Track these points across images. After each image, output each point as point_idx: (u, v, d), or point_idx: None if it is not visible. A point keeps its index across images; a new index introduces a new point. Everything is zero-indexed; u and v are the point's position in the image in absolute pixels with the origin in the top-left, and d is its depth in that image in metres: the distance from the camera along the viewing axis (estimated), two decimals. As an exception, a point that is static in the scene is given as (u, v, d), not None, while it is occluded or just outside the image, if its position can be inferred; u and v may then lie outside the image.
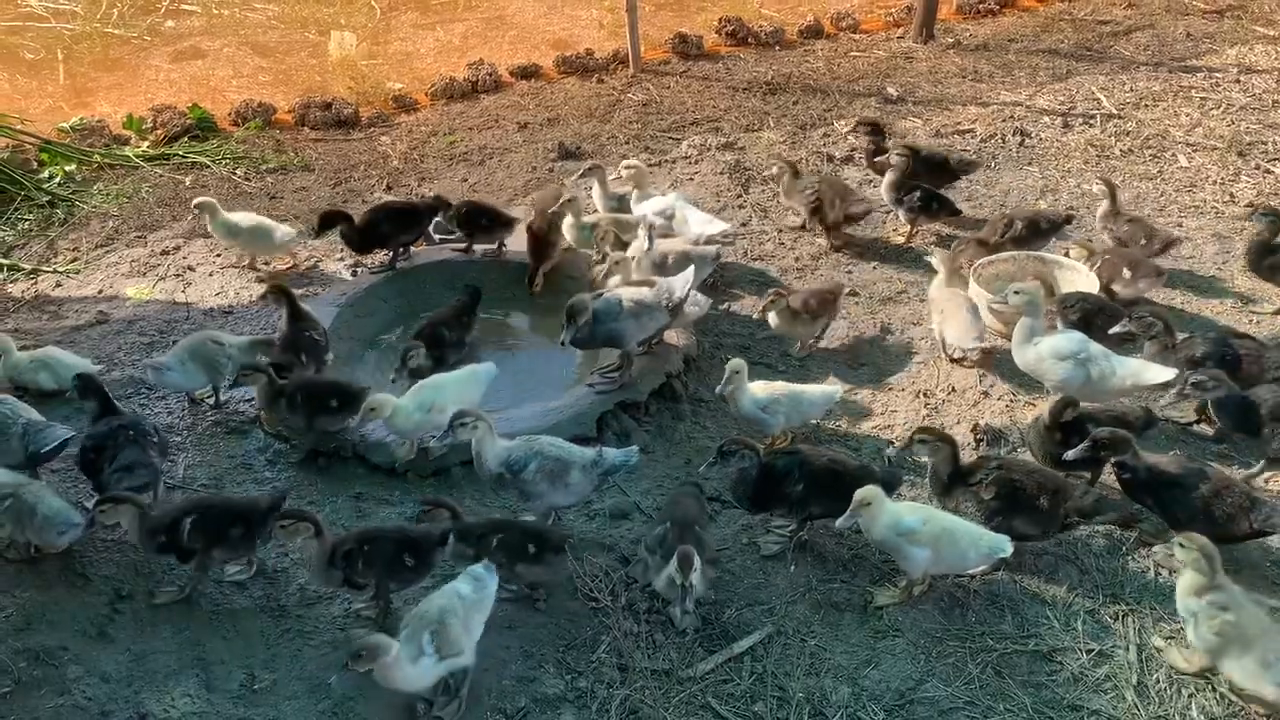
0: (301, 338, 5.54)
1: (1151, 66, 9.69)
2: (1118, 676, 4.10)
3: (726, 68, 10.05)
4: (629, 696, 4.06)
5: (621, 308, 5.32)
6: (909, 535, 4.27)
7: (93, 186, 8.15)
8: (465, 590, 3.97)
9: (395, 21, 11.87)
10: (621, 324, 5.32)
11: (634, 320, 5.35)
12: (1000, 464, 4.61)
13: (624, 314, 5.32)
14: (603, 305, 5.32)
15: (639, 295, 5.42)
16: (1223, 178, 7.80)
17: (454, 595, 3.94)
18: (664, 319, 5.47)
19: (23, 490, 4.51)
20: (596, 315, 5.27)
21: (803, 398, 5.25)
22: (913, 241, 7.09)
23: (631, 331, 5.37)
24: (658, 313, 5.42)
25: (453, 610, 3.86)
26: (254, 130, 9.04)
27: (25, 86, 10.36)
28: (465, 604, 3.92)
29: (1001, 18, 11.02)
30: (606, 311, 5.31)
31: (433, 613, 3.84)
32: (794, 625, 4.35)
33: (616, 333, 5.34)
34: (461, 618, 3.87)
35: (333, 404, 5.12)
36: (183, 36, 11.58)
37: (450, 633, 3.79)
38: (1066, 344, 5.29)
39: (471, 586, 4.00)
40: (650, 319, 5.42)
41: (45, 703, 4.06)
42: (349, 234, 6.57)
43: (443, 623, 3.80)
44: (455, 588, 3.98)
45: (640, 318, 5.38)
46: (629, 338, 5.38)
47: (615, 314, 5.30)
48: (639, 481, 5.12)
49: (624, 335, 5.36)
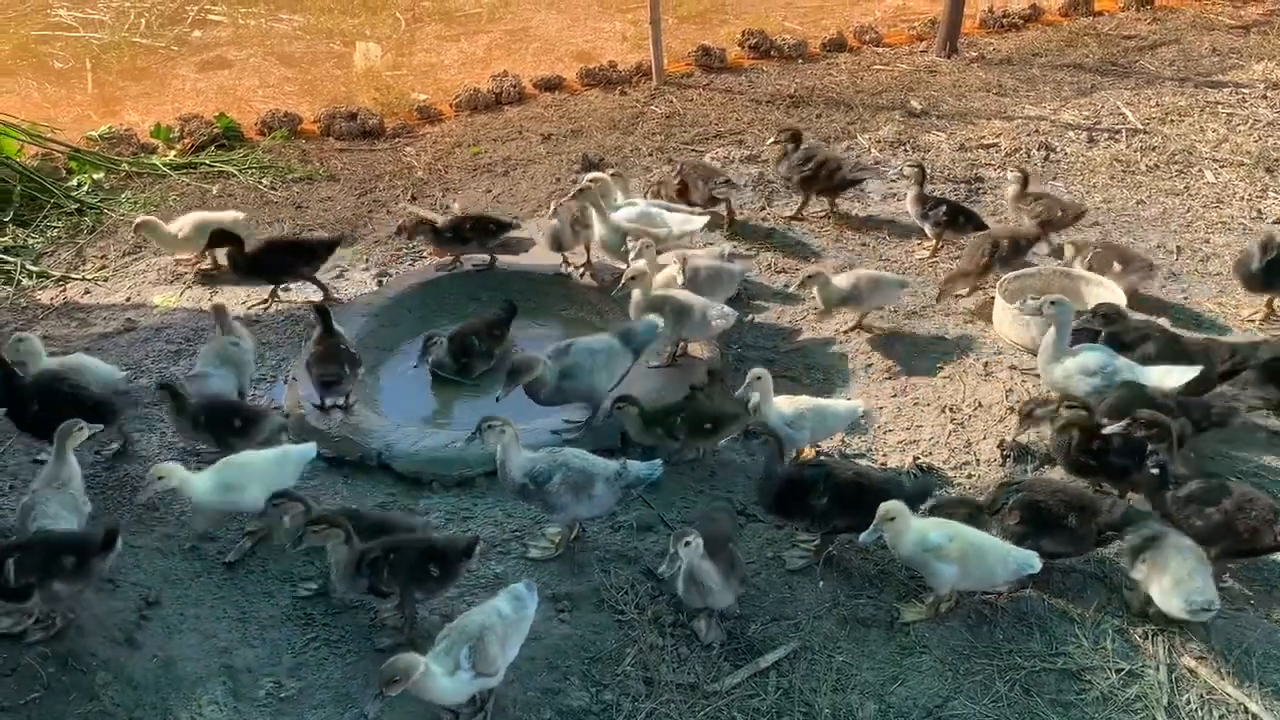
0: (340, 350, 5.54)
1: (1177, 81, 9.65)
2: (1148, 697, 4.07)
3: (749, 80, 10.06)
4: (654, 710, 4.05)
5: (593, 360, 5.24)
6: (936, 551, 4.25)
7: (121, 195, 8.22)
8: (505, 609, 3.95)
9: (420, 33, 11.94)
10: (594, 376, 5.25)
11: (604, 372, 5.30)
12: (1019, 486, 4.59)
13: (595, 367, 5.25)
14: (574, 362, 5.22)
15: (604, 343, 5.35)
16: (1250, 194, 7.76)
17: (494, 613, 3.92)
18: (628, 361, 5.40)
19: None
20: (566, 372, 5.18)
21: (827, 412, 5.23)
22: (938, 255, 7.07)
23: (601, 383, 5.31)
24: (625, 357, 5.37)
25: (492, 628, 3.84)
26: (280, 140, 9.11)
27: (54, 95, 10.47)
28: (504, 622, 3.91)
29: (1025, 32, 11.01)
30: (579, 367, 5.22)
31: (472, 628, 3.83)
32: (820, 641, 4.33)
33: (588, 386, 5.26)
34: (500, 636, 3.86)
35: (236, 424, 5.16)
36: (209, 46, 11.69)
37: (489, 650, 3.78)
38: (1093, 359, 5.27)
39: (512, 606, 3.98)
40: (618, 365, 5.36)
41: (74, 709, 4.08)
42: (235, 259, 6.50)
43: (481, 639, 3.79)
44: (496, 605, 3.97)
45: (609, 365, 5.32)
46: (599, 390, 5.31)
47: (587, 369, 5.23)
48: (663, 494, 5.11)
49: (595, 389, 5.30)
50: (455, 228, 6.63)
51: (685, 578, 4.17)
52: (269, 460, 4.86)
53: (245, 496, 4.69)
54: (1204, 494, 4.46)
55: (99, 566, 4.30)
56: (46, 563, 4.17)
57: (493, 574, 4.67)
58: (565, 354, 5.24)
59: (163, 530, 4.96)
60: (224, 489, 4.71)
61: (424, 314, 6.49)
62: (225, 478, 4.74)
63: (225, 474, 4.75)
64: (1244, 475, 5.09)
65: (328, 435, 5.36)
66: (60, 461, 4.67)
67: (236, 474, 4.75)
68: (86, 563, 4.24)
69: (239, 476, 4.74)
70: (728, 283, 6.32)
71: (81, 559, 4.22)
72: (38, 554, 4.19)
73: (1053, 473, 5.10)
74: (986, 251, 6.46)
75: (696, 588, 4.17)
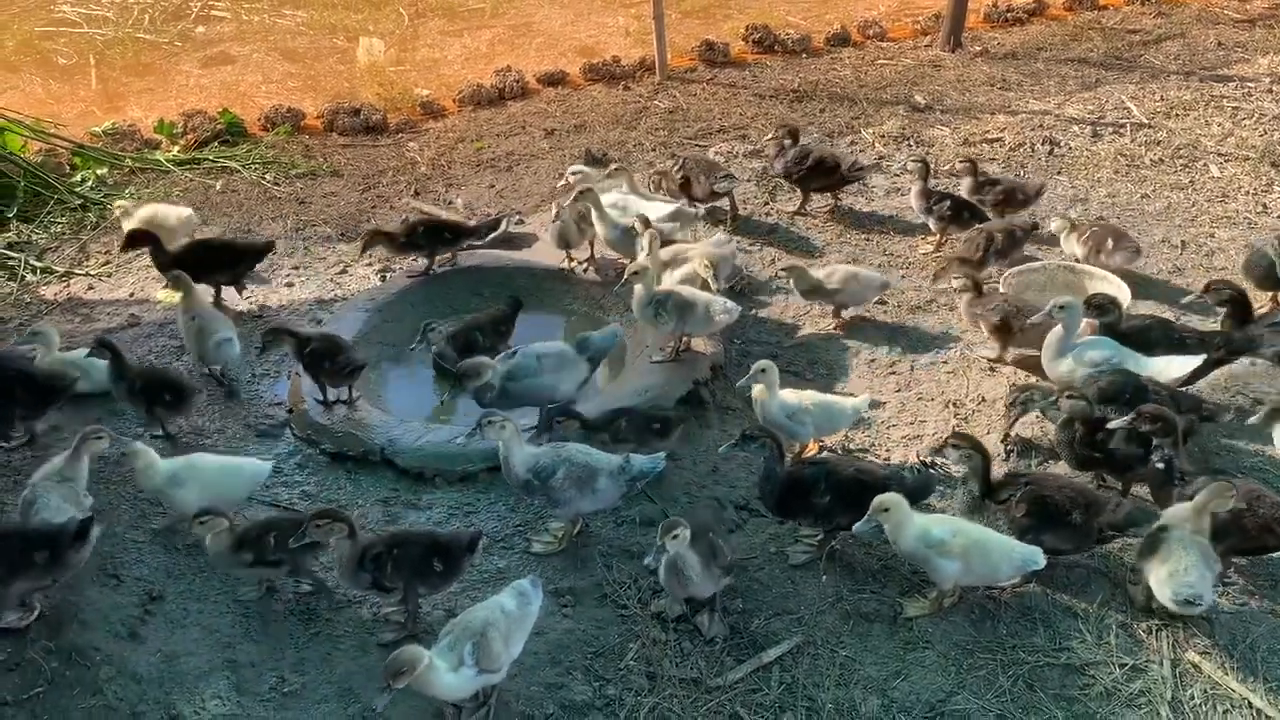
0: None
1: (1182, 75, 9.62)
2: (1151, 691, 4.06)
3: (753, 75, 10.05)
4: (657, 705, 4.05)
5: (539, 364, 5.15)
6: (938, 547, 4.25)
7: (124, 190, 8.22)
8: (510, 605, 3.95)
9: (423, 28, 11.94)
10: (540, 380, 5.15)
11: (553, 375, 5.18)
12: (1030, 480, 4.57)
13: (542, 370, 5.15)
14: (517, 364, 5.12)
15: (555, 349, 5.25)
16: (1255, 188, 7.73)
17: (498, 609, 3.91)
18: (585, 371, 5.28)
19: None
20: (510, 374, 5.09)
21: (832, 407, 5.23)
22: (942, 250, 7.05)
23: (548, 387, 5.19)
24: (579, 365, 5.24)
25: (495, 624, 3.84)
26: (283, 135, 9.11)
27: (58, 91, 10.48)
28: (508, 618, 3.90)
29: (1030, 26, 10.98)
30: (522, 369, 5.12)
31: (476, 624, 3.82)
32: (823, 635, 4.33)
33: (534, 389, 5.15)
34: (503, 632, 3.85)
35: (167, 397, 5.30)
36: (213, 42, 11.69)
37: (492, 647, 3.77)
38: (1097, 353, 5.26)
39: (516, 602, 3.98)
40: (571, 372, 5.22)
41: (77, 703, 4.08)
42: (156, 257, 6.47)
43: (485, 635, 3.78)
44: (500, 601, 3.97)
45: (560, 370, 5.20)
46: (545, 393, 5.19)
47: (532, 371, 5.13)
48: (666, 489, 5.11)
49: (540, 392, 5.18)
50: (409, 234, 6.62)
51: (668, 567, 4.18)
52: (218, 468, 4.87)
53: (179, 494, 4.71)
54: None
55: (73, 558, 4.32)
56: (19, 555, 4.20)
57: (496, 569, 4.67)
58: (510, 357, 5.16)
59: (165, 525, 4.96)
60: (169, 481, 4.73)
61: (427, 309, 6.47)
62: (175, 470, 4.76)
63: (177, 466, 4.78)
64: (1248, 471, 5.08)
65: (330, 430, 5.36)
66: (74, 461, 4.71)
67: (184, 471, 4.77)
68: (60, 555, 4.26)
69: (185, 474, 4.76)
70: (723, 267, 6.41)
71: (55, 551, 4.25)
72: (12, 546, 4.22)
73: (1056, 467, 5.09)
74: (981, 245, 6.46)
75: (678, 577, 4.18)
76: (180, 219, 7.01)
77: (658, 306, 5.64)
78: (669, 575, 4.19)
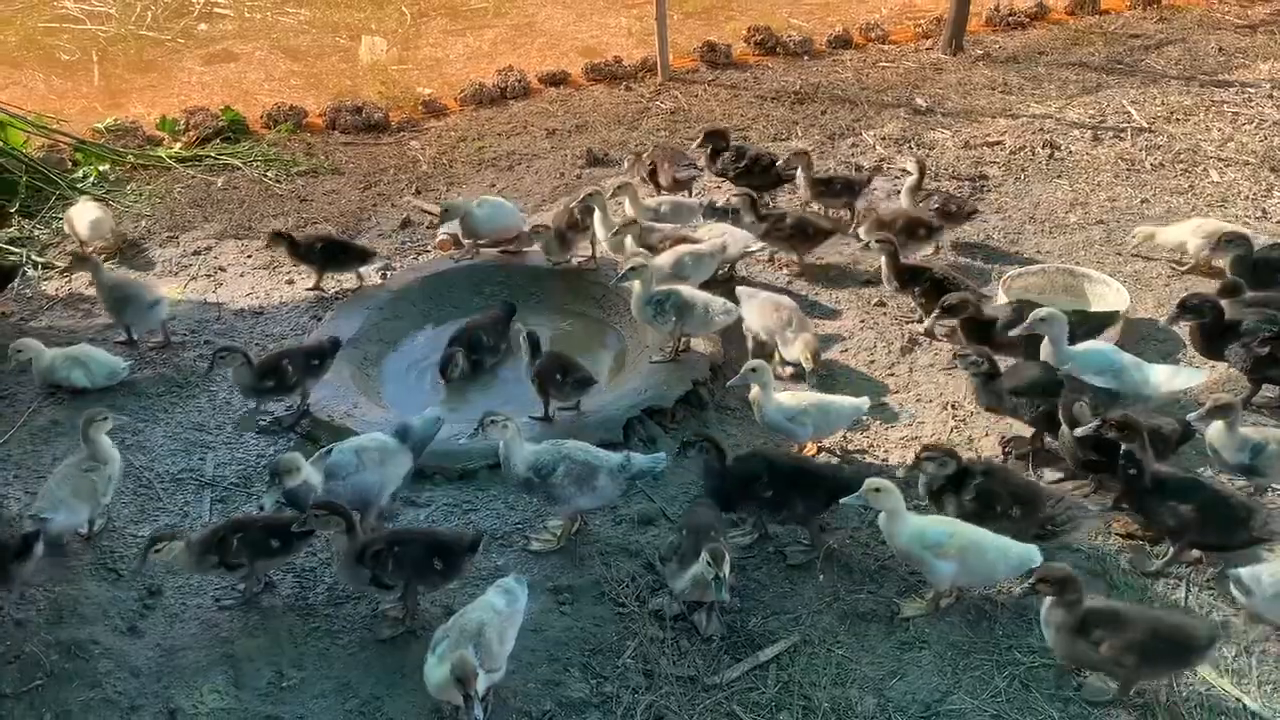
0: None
1: (1183, 80, 9.63)
2: (1147, 693, 4.06)
3: (755, 77, 10.06)
4: (654, 703, 4.06)
5: (359, 460, 4.65)
6: (935, 549, 4.26)
7: (126, 187, 8.24)
8: (500, 603, 3.96)
9: (425, 27, 11.95)
10: (363, 477, 4.65)
11: (374, 471, 4.68)
12: (987, 471, 4.63)
13: (364, 466, 4.65)
14: (335, 462, 4.62)
15: (375, 442, 4.78)
16: (1255, 193, 7.74)
17: (490, 609, 3.93)
18: (407, 459, 4.80)
19: None
20: (329, 472, 4.59)
21: (830, 408, 5.23)
22: (939, 251, 7.06)
23: (371, 483, 4.67)
24: (402, 456, 4.78)
25: (490, 624, 3.85)
26: (285, 133, 9.12)
27: (61, 87, 10.50)
28: (500, 616, 3.92)
29: (1031, 30, 10.99)
30: (340, 466, 4.61)
31: (472, 626, 3.82)
32: (820, 635, 4.34)
33: (357, 487, 4.61)
34: (498, 630, 3.87)
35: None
36: (215, 40, 11.71)
37: (491, 646, 3.79)
38: (1097, 358, 5.27)
39: (505, 599, 4.00)
40: (394, 465, 4.74)
41: (76, 696, 4.10)
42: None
43: (484, 636, 3.79)
44: (489, 601, 3.98)
45: (383, 465, 4.70)
46: (370, 491, 4.66)
47: (351, 468, 4.63)
48: (665, 488, 5.12)
49: (363, 490, 4.63)
50: (309, 246, 6.66)
51: (694, 581, 4.16)
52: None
53: None
54: (1178, 489, 4.49)
55: (16, 572, 4.34)
56: None
57: (494, 566, 4.69)
58: (328, 455, 4.68)
59: (165, 520, 4.98)
60: None
61: (427, 307, 6.50)
62: None
63: None
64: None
65: (330, 426, 5.37)
66: (90, 445, 4.79)
67: None
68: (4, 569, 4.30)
69: None
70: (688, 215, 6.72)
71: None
72: None
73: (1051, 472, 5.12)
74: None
75: (703, 591, 4.17)
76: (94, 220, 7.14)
77: (657, 306, 5.65)
78: (694, 590, 4.20)
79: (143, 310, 6.19)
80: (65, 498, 4.66)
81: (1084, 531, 4.62)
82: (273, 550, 4.43)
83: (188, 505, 5.08)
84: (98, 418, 4.85)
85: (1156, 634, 3.90)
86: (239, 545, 4.37)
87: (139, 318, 6.23)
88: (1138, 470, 4.51)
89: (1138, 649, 3.88)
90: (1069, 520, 4.49)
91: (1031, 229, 7.35)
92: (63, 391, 5.79)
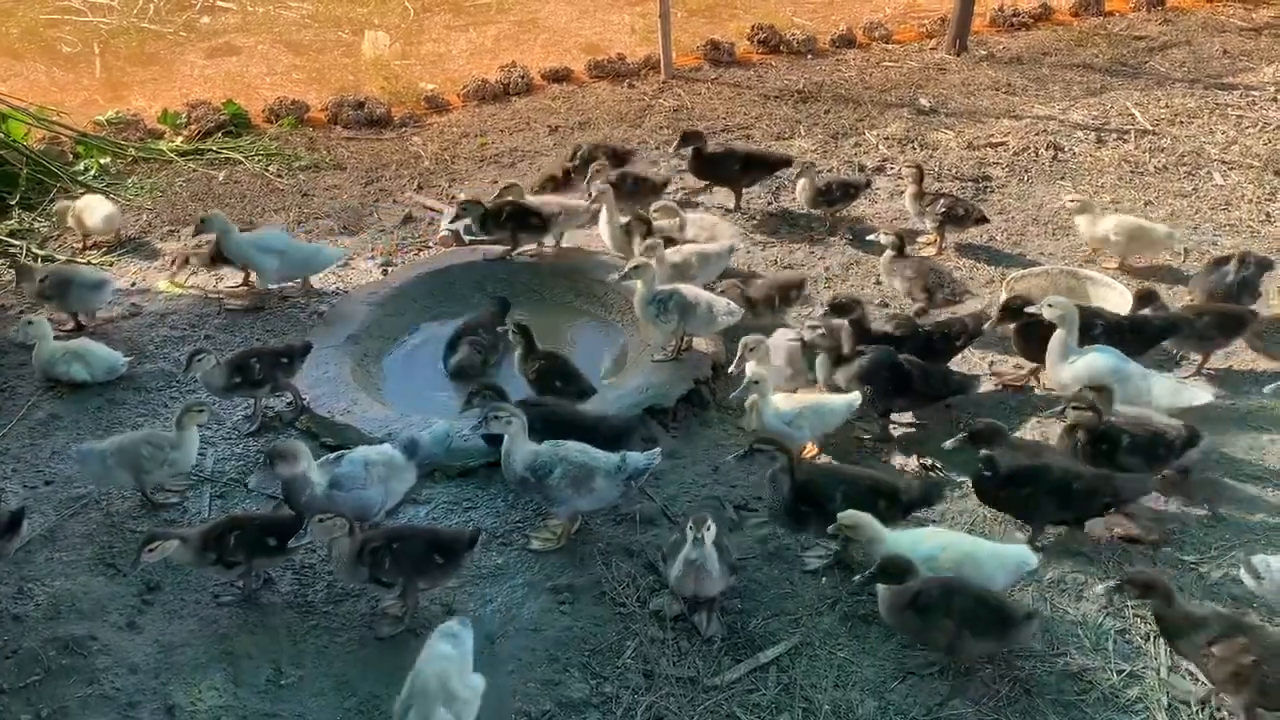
0: None
1: (1187, 83, 9.61)
2: (1148, 698, 4.06)
3: (758, 75, 10.04)
4: (654, 703, 4.05)
5: (367, 474, 4.62)
6: (929, 563, 4.23)
7: (127, 180, 8.22)
8: (447, 649, 3.79)
9: (428, 22, 11.92)
10: (365, 494, 4.61)
11: (379, 487, 4.65)
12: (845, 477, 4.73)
13: (370, 481, 4.62)
14: (345, 473, 4.58)
15: (384, 455, 4.71)
16: (1258, 196, 7.73)
17: (441, 659, 3.75)
18: (411, 476, 4.77)
19: None
20: (334, 482, 4.55)
21: (825, 407, 5.22)
22: (942, 253, 7.05)
23: (373, 500, 4.65)
24: (407, 472, 4.74)
25: (447, 674, 3.70)
26: (287, 127, 9.09)
27: (62, 79, 10.46)
28: (452, 663, 3.76)
29: (1035, 31, 10.96)
30: (350, 478, 4.58)
31: (434, 686, 3.65)
32: (821, 637, 4.33)
33: (356, 503, 4.55)
34: (458, 673, 3.74)
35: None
36: (217, 33, 11.67)
37: (459, 696, 3.67)
38: (1102, 362, 5.25)
39: (452, 644, 3.82)
40: (398, 481, 4.72)
41: (73, 692, 4.09)
42: None
43: (449, 691, 3.65)
44: (438, 650, 3.78)
45: (388, 481, 4.68)
46: (369, 508, 4.63)
47: (360, 482, 4.60)
48: (666, 487, 5.11)
49: (365, 506, 4.60)
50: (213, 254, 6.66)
51: (685, 563, 4.17)
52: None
53: None
54: (1021, 473, 4.60)
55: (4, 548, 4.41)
56: None
57: (494, 565, 4.67)
58: (337, 463, 4.63)
59: (165, 516, 4.96)
60: None
61: (428, 303, 6.48)
62: None
63: None
64: (1247, 479, 5.08)
65: (331, 423, 5.35)
66: (179, 433, 4.93)
67: None
68: None
69: None
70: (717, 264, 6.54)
71: None
72: None
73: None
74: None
75: (695, 574, 4.17)
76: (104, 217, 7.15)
77: (659, 305, 5.64)
78: (685, 571, 4.19)
79: (85, 293, 6.26)
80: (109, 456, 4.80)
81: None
82: (270, 548, 4.41)
83: (187, 500, 5.05)
84: (195, 408, 4.97)
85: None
86: (236, 543, 4.35)
87: (83, 301, 6.28)
88: (991, 471, 4.62)
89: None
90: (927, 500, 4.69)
91: (1035, 230, 7.34)
92: (62, 385, 5.78)
